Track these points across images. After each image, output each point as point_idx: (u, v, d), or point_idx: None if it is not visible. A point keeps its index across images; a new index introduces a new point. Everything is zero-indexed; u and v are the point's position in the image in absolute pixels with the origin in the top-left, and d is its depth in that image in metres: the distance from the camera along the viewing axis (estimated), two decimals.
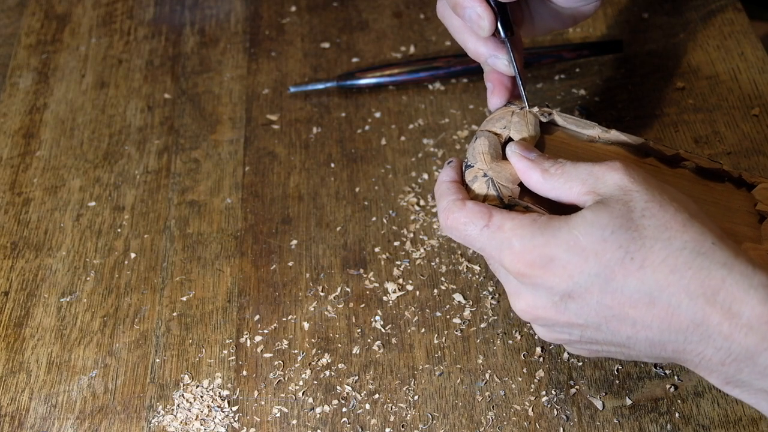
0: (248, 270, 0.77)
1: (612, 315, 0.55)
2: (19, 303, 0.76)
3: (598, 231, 0.55)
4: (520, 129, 0.65)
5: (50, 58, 0.95)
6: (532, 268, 0.56)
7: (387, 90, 0.89)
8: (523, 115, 0.66)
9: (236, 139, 0.86)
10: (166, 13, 0.98)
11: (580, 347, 0.61)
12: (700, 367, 0.56)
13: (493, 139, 0.64)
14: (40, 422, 0.69)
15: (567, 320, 0.57)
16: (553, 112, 0.67)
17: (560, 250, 0.55)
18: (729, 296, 0.52)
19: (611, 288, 0.55)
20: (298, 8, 0.97)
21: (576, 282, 0.55)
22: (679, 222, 0.55)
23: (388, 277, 0.75)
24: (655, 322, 0.54)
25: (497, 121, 0.66)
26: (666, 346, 0.56)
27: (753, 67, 0.87)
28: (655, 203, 0.55)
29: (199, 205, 0.81)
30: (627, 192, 0.56)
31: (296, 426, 0.67)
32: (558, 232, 0.56)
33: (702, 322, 0.53)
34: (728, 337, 0.53)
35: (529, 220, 0.57)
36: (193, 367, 0.71)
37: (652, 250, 0.54)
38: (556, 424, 0.66)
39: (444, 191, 0.63)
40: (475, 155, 0.64)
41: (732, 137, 0.82)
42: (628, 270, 0.54)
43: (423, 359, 0.70)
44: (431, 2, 0.96)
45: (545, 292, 0.57)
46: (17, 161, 0.86)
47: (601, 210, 0.56)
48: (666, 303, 0.54)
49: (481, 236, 0.59)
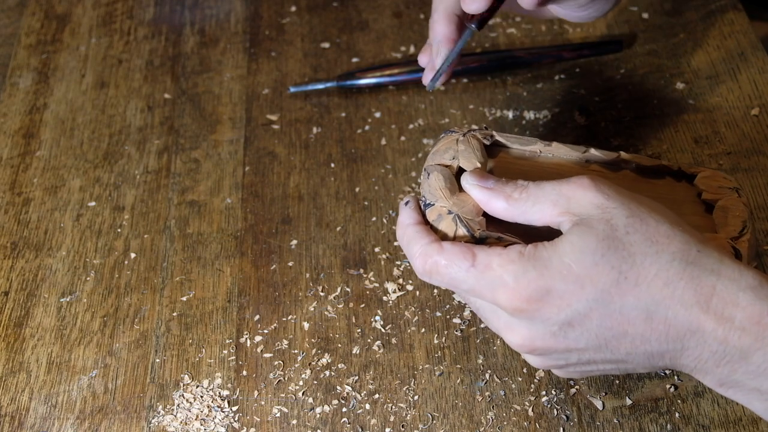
0: (248, 270, 0.77)
1: (612, 335, 0.56)
2: (19, 303, 0.76)
3: (589, 256, 0.54)
4: (469, 156, 0.63)
5: (50, 58, 0.95)
6: (529, 302, 0.55)
7: (387, 90, 0.89)
8: (467, 141, 0.64)
9: (236, 139, 0.86)
10: (166, 13, 0.98)
11: (573, 370, 0.60)
12: (696, 370, 0.56)
13: (446, 172, 0.62)
14: (40, 422, 0.69)
15: (566, 347, 0.57)
16: (494, 133, 0.66)
17: (555, 281, 0.55)
18: (721, 302, 0.54)
19: (610, 310, 0.55)
20: (298, 8, 0.97)
21: (575, 309, 0.55)
22: (662, 234, 0.55)
23: (388, 277, 0.75)
24: (653, 336, 0.55)
25: (444, 152, 0.64)
26: (664, 356, 0.56)
27: (753, 67, 0.87)
28: (636, 218, 0.55)
29: (199, 205, 0.81)
30: (605, 210, 0.56)
31: (296, 426, 0.67)
32: (549, 262, 0.55)
33: (698, 329, 0.54)
34: (723, 341, 0.54)
35: (516, 254, 0.56)
36: (193, 367, 0.71)
37: (643, 266, 0.54)
38: (556, 424, 0.66)
39: (412, 236, 0.60)
40: (433, 192, 0.61)
41: (732, 137, 0.82)
42: (624, 290, 0.54)
43: (423, 359, 0.70)
44: (431, 2, 0.96)
45: (543, 324, 0.56)
46: (17, 161, 0.86)
47: (586, 234, 0.55)
48: (663, 316, 0.54)
49: (468, 277, 0.57)
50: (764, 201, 0.77)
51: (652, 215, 0.56)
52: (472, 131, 0.65)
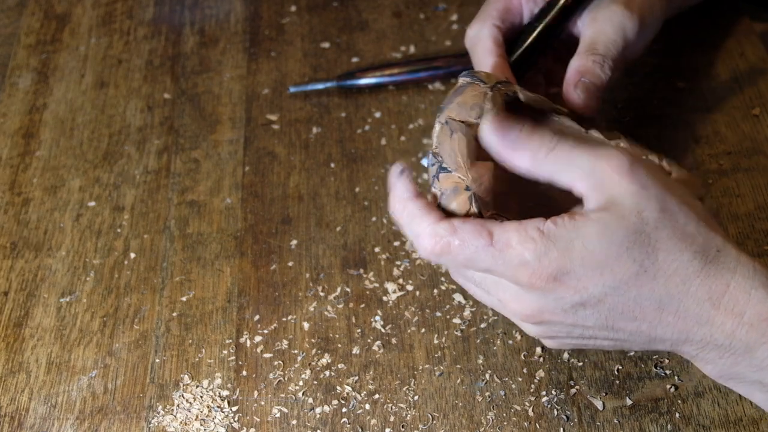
0: (248, 270, 0.76)
1: (621, 319, 0.56)
2: (18, 303, 0.76)
3: (614, 247, 0.54)
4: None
5: (50, 58, 0.95)
6: (547, 281, 0.55)
7: (387, 90, 0.89)
8: (495, 99, 0.58)
9: (236, 139, 0.86)
10: (166, 13, 0.98)
11: (568, 342, 0.60)
12: (697, 359, 0.57)
13: (470, 135, 0.57)
14: (39, 422, 0.69)
15: (573, 322, 0.57)
16: (517, 89, 0.60)
17: (575, 264, 0.54)
18: (732, 299, 0.54)
19: (624, 298, 0.55)
20: (298, 8, 0.97)
21: (591, 293, 0.55)
22: (688, 233, 0.55)
23: (388, 277, 0.75)
24: (661, 324, 0.56)
25: (470, 108, 0.57)
26: (666, 342, 0.57)
27: (753, 66, 0.87)
28: (667, 213, 0.55)
29: (199, 205, 0.81)
30: (639, 200, 0.55)
31: (296, 426, 0.67)
32: (571, 245, 0.54)
33: (706, 322, 0.55)
34: (730, 335, 0.55)
35: (535, 231, 0.55)
36: (192, 367, 0.71)
37: (665, 262, 0.55)
38: (556, 425, 0.66)
39: (415, 213, 0.57)
40: (453, 158, 0.57)
41: (732, 137, 0.81)
42: (642, 282, 0.55)
43: (423, 359, 0.70)
44: (431, 2, 0.96)
45: (555, 301, 0.56)
46: (17, 161, 0.86)
47: (615, 223, 0.54)
48: (674, 309, 0.55)
49: (486, 257, 0.55)
50: (764, 201, 0.77)
51: (682, 210, 0.55)
52: (498, 85, 0.59)
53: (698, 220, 0.56)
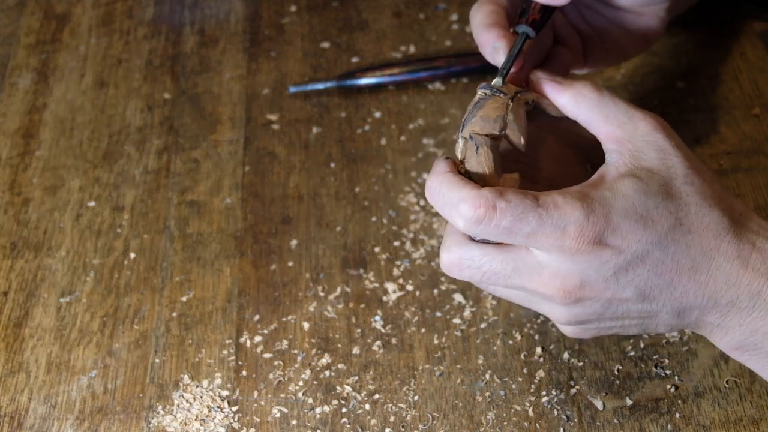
0: (248, 270, 0.76)
1: (656, 284, 0.57)
2: (18, 303, 0.76)
3: (651, 199, 0.56)
4: (516, 129, 0.59)
5: (50, 58, 0.95)
6: (593, 243, 0.55)
7: (387, 90, 0.89)
8: (516, 110, 0.59)
9: (236, 139, 0.86)
10: (166, 13, 0.98)
11: (595, 326, 0.60)
12: (719, 328, 0.58)
13: (496, 149, 0.58)
14: (39, 422, 0.69)
15: (611, 295, 0.57)
16: (534, 97, 0.61)
17: (620, 219, 0.55)
18: (759, 259, 0.56)
19: (664, 255, 0.56)
20: (298, 8, 0.97)
21: (634, 251, 0.56)
22: (716, 191, 0.57)
23: (388, 277, 0.75)
24: (692, 289, 0.57)
25: (494, 121, 0.58)
26: (693, 312, 0.58)
27: (753, 66, 0.87)
28: (694, 170, 0.57)
29: (199, 205, 0.81)
30: (667, 156, 0.57)
31: (296, 426, 0.67)
32: (614, 201, 0.55)
33: (735, 282, 0.56)
34: (756, 294, 0.56)
35: (578, 194, 0.55)
36: (192, 367, 0.71)
37: (697, 216, 0.56)
38: (557, 425, 0.66)
39: (454, 183, 0.57)
40: (480, 170, 0.58)
41: (732, 137, 0.81)
42: (679, 236, 0.56)
43: (423, 359, 0.70)
44: (431, 2, 0.96)
45: (598, 269, 0.56)
46: (17, 161, 0.86)
47: (647, 178, 0.56)
48: (707, 268, 0.56)
49: (533, 217, 0.54)
50: (764, 201, 0.77)
51: (706, 171, 0.58)
52: (519, 94, 0.60)
53: (720, 184, 0.58)
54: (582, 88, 0.59)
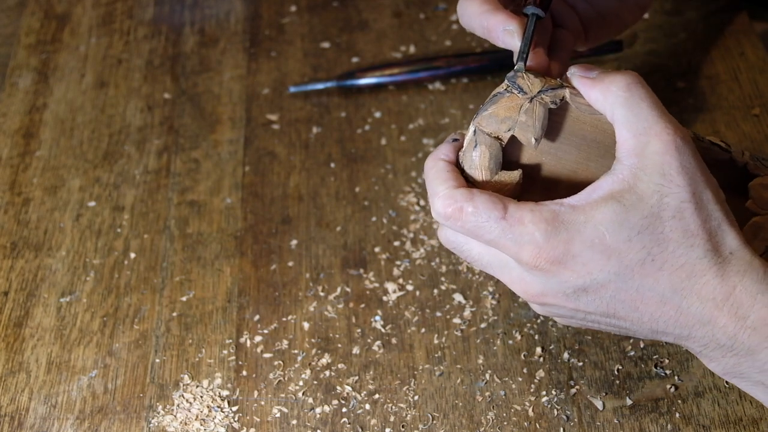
0: (248, 270, 0.76)
1: (622, 308, 0.56)
2: (18, 303, 0.76)
3: (626, 231, 0.54)
4: (527, 129, 0.57)
5: (50, 58, 0.95)
6: (551, 263, 0.54)
7: (387, 90, 0.89)
8: (532, 110, 0.57)
9: (236, 139, 0.86)
10: (166, 13, 0.98)
11: (575, 322, 0.60)
12: (702, 355, 0.57)
13: (495, 149, 0.57)
14: (39, 422, 0.69)
15: (575, 307, 0.57)
16: (566, 95, 0.58)
17: (584, 247, 0.54)
18: (737, 302, 0.54)
19: (627, 286, 0.55)
20: (298, 8, 0.97)
21: (594, 279, 0.55)
22: (707, 229, 0.55)
23: (388, 277, 0.75)
24: (662, 318, 0.55)
25: (502, 121, 0.57)
26: (668, 335, 0.57)
27: (753, 66, 0.87)
28: (691, 204, 0.54)
29: (199, 205, 0.81)
30: (668, 183, 0.54)
31: (296, 426, 0.67)
32: (583, 227, 0.54)
33: (708, 322, 0.54)
34: (732, 337, 0.54)
35: (550, 213, 0.55)
36: (192, 367, 0.71)
37: (673, 254, 0.54)
38: (557, 425, 0.66)
39: (440, 174, 0.58)
40: (473, 168, 0.58)
41: (732, 137, 0.81)
42: (647, 271, 0.54)
43: (423, 359, 0.70)
44: (431, 2, 0.96)
45: (558, 285, 0.56)
46: (17, 161, 0.86)
47: (631, 207, 0.54)
48: (677, 304, 0.55)
49: (495, 228, 0.55)
50: None
51: (710, 204, 0.55)
52: (542, 93, 0.58)
53: (723, 218, 0.55)
54: (611, 83, 0.56)
